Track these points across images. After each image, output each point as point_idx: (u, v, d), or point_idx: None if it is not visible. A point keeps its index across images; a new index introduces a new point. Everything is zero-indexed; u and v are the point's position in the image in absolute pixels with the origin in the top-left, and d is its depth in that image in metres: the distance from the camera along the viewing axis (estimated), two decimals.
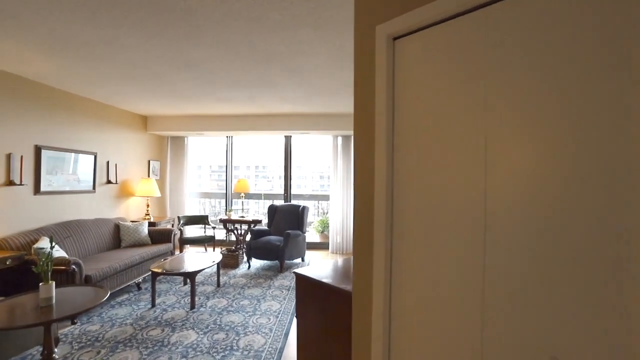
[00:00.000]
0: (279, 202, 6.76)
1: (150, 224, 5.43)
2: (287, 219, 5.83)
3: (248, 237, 6.01)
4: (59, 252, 3.70)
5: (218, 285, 4.48)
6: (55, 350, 2.50)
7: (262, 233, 5.67)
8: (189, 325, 3.31)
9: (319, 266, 2.08)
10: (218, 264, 4.27)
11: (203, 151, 7.57)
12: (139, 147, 6.07)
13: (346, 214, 6.59)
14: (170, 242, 5.10)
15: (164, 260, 4.18)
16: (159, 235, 5.10)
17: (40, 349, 2.58)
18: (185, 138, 6.86)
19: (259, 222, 5.81)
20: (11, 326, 1.82)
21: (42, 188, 4.12)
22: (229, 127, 6.13)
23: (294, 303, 3.92)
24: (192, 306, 3.70)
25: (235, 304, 3.87)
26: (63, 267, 3.32)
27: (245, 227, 5.99)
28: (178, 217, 5.95)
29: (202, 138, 7.31)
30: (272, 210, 6.01)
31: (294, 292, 4.02)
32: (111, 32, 2.63)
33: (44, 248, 3.52)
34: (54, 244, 2.23)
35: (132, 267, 4.21)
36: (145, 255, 4.47)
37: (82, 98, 4.73)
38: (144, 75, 3.74)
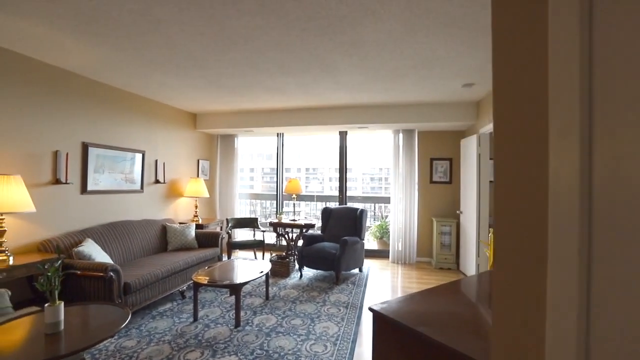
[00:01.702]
0: (332, 204, 6.15)
1: (198, 226, 5.12)
2: (343, 224, 5.19)
3: (300, 243, 5.48)
4: (102, 256, 3.44)
5: (267, 297, 3.96)
6: None
7: (315, 239, 5.08)
8: (231, 348, 2.80)
9: (410, 300, 1.39)
10: (267, 274, 3.75)
11: (253, 151, 7.23)
12: (188, 145, 5.84)
13: (409, 218, 5.78)
14: (218, 246, 4.72)
15: (209, 267, 3.76)
16: (206, 239, 4.74)
17: None
18: (235, 137, 6.55)
19: (312, 226, 5.24)
20: None
21: (89, 187, 3.93)
22: (279, 123, 5.66)
23: (354, 326, 3.25)
24: (237, 324, 3.20)
25: (286, 323, 3.30)
26: (100, 274, 3.01)
27: (297, 231, 5.46)
28: (227, 220, 5.60)
29: (252, 138, 6.97)
30: (327, 214, 5.41)
31: (356, 319, 3.36)
32: (143, 5, 2.20)
33: (81, 251, 3.25)
34: (61, 255, 1.80)
35: (176, 273, 3.85)
36: (191, 261, 4.11)
37: (130, 93, 4.53)
38: (184, 60, 3.34)
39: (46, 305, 1.69)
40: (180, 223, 5.07)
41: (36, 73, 3.35)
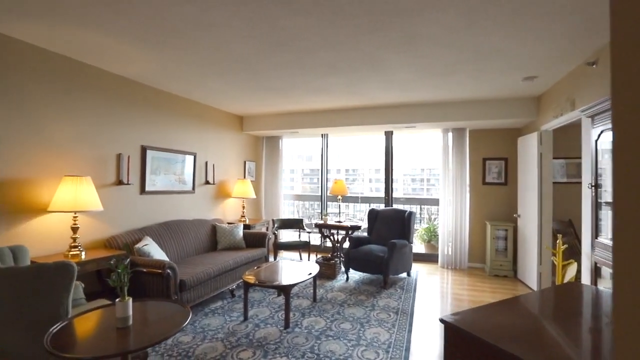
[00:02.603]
0: (376, 206, 6.01)
1: (246, 227, 5.23)
2: (390, 226, 5.05)
3: (345, 244, 5.41)
4: (159, 254, 3.61)
5: (314, 299, 3.94)
6: None
7: (361, 241, 4.99)
8: (282, 350, 2.79)
9: (486, 311, 1.27)
10: (315, 276, 3.72)
11: (293, 152, 7.28)
12: (236, 147, 6.01)
13: (460, 221, 5.49)
14: (265, 246, 4.79)
15: (258, 267, 3.81)
16: (253, 239, 4.83)
17: None
18: (280, 139, 6.63)
19: (358, 228, 5.15)
20: (85, 356, 1.46)
21: (147, 188, 4.15)
22: (324, 124, 5.64)
23: (405, 333, 3.12)
24: (287, 325, 3.20)
25: (335, 326, 3.25)
26: (159, 271, 3.15)
27: (342, 233, 5.40)
28: (272, 220, 5.68)
29: (294, 139, 7.02)
30: (373, 216, 5.29)
31: (404, 320, 3.22)
32: (197, 9, 2.27)
33: (142, 248, 3.43)
34: (126, 257, 1.88)
35: (226, 272, 3.94)
36: (240, 261, 4.19)
37: (182, 98, 4.74)
38: (235, 63, 3.41)
39: (117, 300, 1.78)
40: (228, 223, 5.21)
41: (103, 82, 3.60)
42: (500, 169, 5.55)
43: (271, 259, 5.17)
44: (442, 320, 1.24)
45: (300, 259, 5.73)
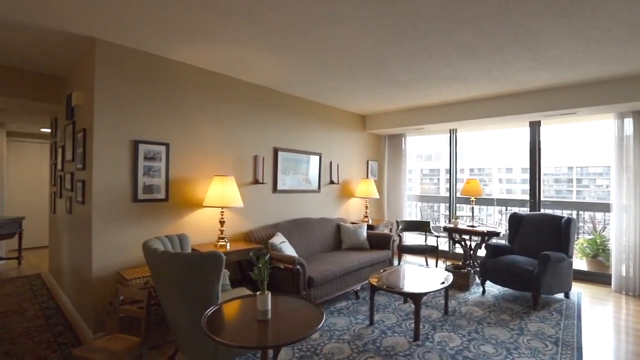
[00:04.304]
0: (516, 210, 5.10)
1: (369, 227, 5.13)
2: (539, 234, 4.20)
3: (479, 252, 4.78)
4: (289, 249, 3.81)
5: (445, 311, 3.54)
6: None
7: (501, 250, 4.29)
8: None
9: None
10: (448, 287, 3.33)
11: (411, 152, 6.80)
12: (358, 147, 5.98)
13: None
14: (389, 249, 4.59)
15: (384, 271, 3.64)
16: (377, 240, 4.69)
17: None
18: (403, 137, 6.32)
19: (497, 234, 4.46)
20: (233, 343, 1.56)
21: (279, 187, 4.46)
22: (454, 117, 5.10)
23: None
24: (416, 337, 2.93)
25: (474, 347, 2.82)
26: (290, 266, 3.29)
27: (476, 239, 4.78)
28: (397, 222, 5.42)
29: (418, 137, 6.59)
30: (516, 221, 4.50)
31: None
32: (325, 6, 2.23)
33: (278, 245, 3.66)
34: (268, 253, 1.96)
35: (351, 273, 3.90)
36: (364, 262, 4.10)
37: (308, 101, 4.94)
38: (360, 59, 3.32)
39: (257, 293, 1.87)
40: (352, 223, 5.20)
41: (243, 91, 4.01)
42: None
43: (395, 262, 4.94)
44: None
45: (427, 264, 5.32)
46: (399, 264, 5.05)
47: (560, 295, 4.07)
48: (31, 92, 3.80)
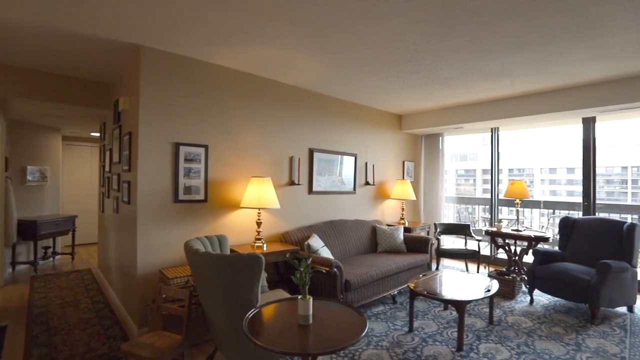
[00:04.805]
0: (565, 213, 4.74)
1: (406, 230, 4.98)
2: (597, 241, 3.86)
3: (526, 258, 4.48)
4: (325, 251, 3.76)
5: (490, 321, 3.33)
6: None
7: (551, 256, 3.99)
8: None
9: None
10: (493, 295, 3.13)
11: (450, 152, 6.51)
12: (394, 147, 5.83)
13: None
14: (427, 252, 4.42)
15: (424, 275, 3.49)
16: (414, 244, 4.53)
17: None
18: (440, 136, 6.09)
19: (546, 240, 4.16)
20: (274, 348, 1.54)
21: (314, 188, 4.43)
22: (496, 115, 4.83)
23: None
24: (460, 347, 2.78)
25: None
26: (327, 269, 3.25)
27: (521, 244, 4.48)
28: (435, 225, 5.22)
29: (455, 137, 6.32)
30: (568, 226, 4.17)
31: None
32: (366, 3, 2.17)
33: (312, 246, 3.62)
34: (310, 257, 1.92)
35: (388, 276, 3.79)
36: (402, 266, 3.97)
37: (343, 101, 4.87)
38: (400, 55, 3.21)
39: (299, 297, 1.84)
40: (387, 225, 5.07)
41: (279, 93, 4.02)
42: None
43: (433, 266, 4.75)
44: None
45: (467, 269, 5.07)
46: (437, 268, 4.85)
47: (623, 309, 3.71)
48: (83, 98, 4.05)
